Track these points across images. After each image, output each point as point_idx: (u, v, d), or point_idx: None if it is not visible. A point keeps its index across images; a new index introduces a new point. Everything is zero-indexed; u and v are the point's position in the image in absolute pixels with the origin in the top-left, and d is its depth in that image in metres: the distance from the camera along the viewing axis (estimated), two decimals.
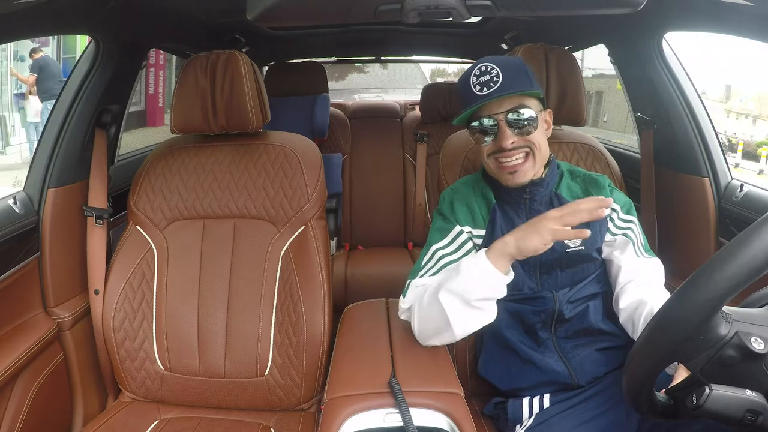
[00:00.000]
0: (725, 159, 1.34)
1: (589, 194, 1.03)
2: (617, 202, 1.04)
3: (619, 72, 1.57)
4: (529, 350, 1.01)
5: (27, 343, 1.09)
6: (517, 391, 1.03)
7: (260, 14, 0.87)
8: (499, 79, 0.95)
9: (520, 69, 0.99)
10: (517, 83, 0.96)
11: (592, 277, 1.02)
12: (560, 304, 0.99)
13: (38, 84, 5.61)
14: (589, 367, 0.99)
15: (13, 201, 1.14)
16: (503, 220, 1.03)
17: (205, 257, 1.18)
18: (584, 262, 1.01)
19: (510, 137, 0.96)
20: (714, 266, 0.55)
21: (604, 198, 0.87)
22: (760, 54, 5.69)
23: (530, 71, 1.00)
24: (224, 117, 1.18)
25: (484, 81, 0.96)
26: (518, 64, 1.00)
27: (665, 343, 0.58)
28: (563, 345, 1.01)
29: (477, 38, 2.28)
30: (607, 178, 1.08)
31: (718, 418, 0.58)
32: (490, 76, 0.96)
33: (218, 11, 1.53)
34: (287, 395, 1.13)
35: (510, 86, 0.95)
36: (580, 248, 1.00)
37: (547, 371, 0.99)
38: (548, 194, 1.03)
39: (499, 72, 0.96)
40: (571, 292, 1.01)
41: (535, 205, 1.02)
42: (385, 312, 1.15)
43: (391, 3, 0.86)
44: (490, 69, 0.97)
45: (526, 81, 0.98)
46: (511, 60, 1.01)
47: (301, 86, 2.35)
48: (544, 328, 1.01)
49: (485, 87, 0.95)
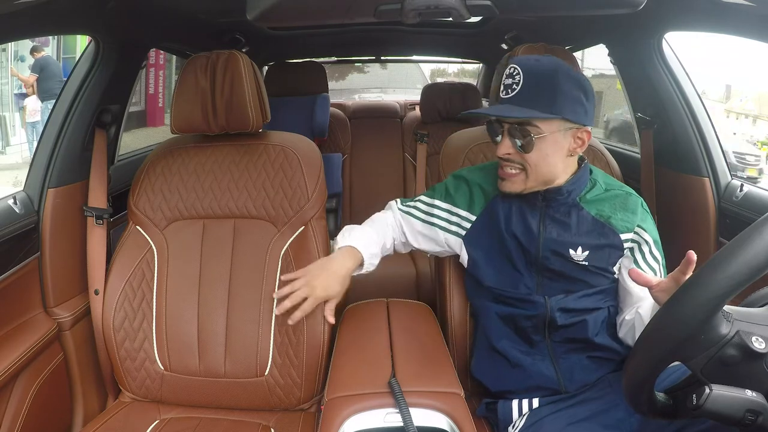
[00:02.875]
0: (725, 159, 1.34)
1: (614, 212, 0.98)
2: (650, 233, 0.99)
3: (619, 72, 1.57)
4: (519, 354, 1.00)
5: (27, 343, 1.09)
6: (505, 393, 1.02)
7: (260, 14, 0.87)
8: (518, 88, 0.90)
9: (546, 83, 0.89)
10: (534, 99, 0.89)
11: (594, 290, 0.99)
12: (552, 310, 0.97)
13: (39, 84, 5.62)
14: (578, 374, 0.98)
15: (13, 201, 1.14)
16: (517, 215, 1.00)
17: (205, 257, 1.18)
18: (589, 276, 0.98)
19: (506, 148, 0.94)
20: (715, 265, 0.55)
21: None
22: (760, 54, 5.69)
23: (563, 87, 0.89)
24: (224, 117, 1.18)
25: (507, 84, 0.92)
26: (548, 75, 0.90)
27: (666, 342, 0.58)
28: (557, 348, 0.99)
29: (477, 38, 2.28)
30: (642, 203, 1.01)
31: (718, 418, 0.58)
32: (512, 81, 0.91)
33: (218, 11, 1.53)
34: (287, 395, 1.13)
35: (524, 100, 0.90)
36: (583, 263, 0.97)
37: (535, 376, 0.98)
38: (568, 204, 0.98)
39: (521, 80, 0.90)
40: (566, 300, 0.98)
41: (551, 212, 0.99)
42: (385, 312, 1.15)
43: (391, 3, 0.86)
44: (515, 73, 0.91)
45: (544, 100, 0.89)
46: (543, 69, 0.91)
47: (301, 86, 2.35)
48: (537, 332, 1.00)
49: (506, 91, 0.92)
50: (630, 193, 1.02)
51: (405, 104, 3.02)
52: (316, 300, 0.99)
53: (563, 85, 0.89)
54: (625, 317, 0.98)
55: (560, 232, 0.98)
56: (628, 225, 0.98)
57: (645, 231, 0.99)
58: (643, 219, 1.00)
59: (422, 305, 1.23)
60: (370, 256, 1.06)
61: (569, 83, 0.90)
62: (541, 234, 0.99)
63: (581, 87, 0.92)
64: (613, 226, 0.98)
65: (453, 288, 1.16)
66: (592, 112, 0.95)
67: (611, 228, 0.98)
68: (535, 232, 0.99)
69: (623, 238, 0.98)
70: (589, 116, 0.94)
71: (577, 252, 0.97)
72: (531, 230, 0.99)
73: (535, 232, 0.99)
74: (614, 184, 1.04)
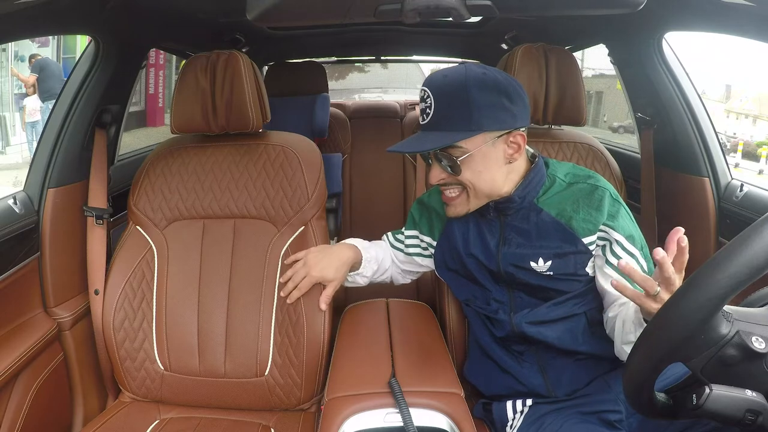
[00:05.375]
0: (725, 159, 1.34)
1: (577, 210, 0.91)
2: (619, 230, 0.89)
3: (618, 72, 1.57)
4: (508, 359, 0.99)
5: (27, 343, 1.09)
6: (498, 397, 1.02)
7: (260, 14, 0.87)
8: (431, 112, 0.86)
9: (457, 100, 0.84)
10: (449, 120, 0.85)
11: (567, 297, 0.94)
12: (518, 326, 0.95)
13: (39, 84, 5.62)
14: (567, 380, 0.96)
15: (13, 201, 1.14)
16: (474, 234, 0.99)
17: (205, 257, 1.18)
18: (559, 283, 0.93)
19: (438, 174, 0.91)
20: (715, 265, 0.55)
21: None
22: (760, 54, 5.69)
23: (476, 99, 0.83)
24: (224, 117, 1.18)
25: (422, 109, 0.88)
26: (457, 91, 0.84)
27: (666, 342, 0.58)
28: (542, 355, 0.97)
29: (477, 38, 2.28)
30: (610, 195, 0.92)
31: (718, 418, 0.58)
32: (425, 106, 0.87)
33: (218, 11, 1.52)
34: (287, 395, 1.13)
35: (438, 124, 0.85)
36: (548, 273, 0.92)
37: (524, 382, 0.97)
38: (526, 208, 0.93)
39: (432, 103, 0.85)
40: (533, 312, 0.95)
41: (510, 221, 0.94)
42: (385, 312, 1.15)
43: (391, 3, 0.86)
44: (425, 97, 0.87)
45: (458, 119, 0.84)
46: (451, 85, 0.85)
47: (301, 86, 2.35)
48: (519, 344, 0.99)
49: (422, 117, 0.88)
50: (596, 185, 0.92)
51: (405, 104, 3.02)
52: (311, 279, 1.07)
53: (476, 97, 0.84)
54: (608, 314, 0.92)
55: (520, 242, 0.94)
56: (591, 226, 0.90)
57: (613, 229, 0.90)
58: (612, 215, 0.90)
59: (422, 305, 1.23)
60: (368, 259, 1.10)
61: (483, 93, 0.84)
62: (499, 250, 0.96)
63: (500, 91, 0.85)
64: (574, 229, 0.91)
65: (451, 289, 1.16)
66: (522, 111, 0.89)
67: (572, 232, 0.91)
68: (493, 249, 0.96)
69: (587, 242, 0.91)
70: (520, 117, 0.88)
71: (539, 263, 0.92)
72: (489, 247, 0.97)
73: (492, 249, 0.96)
74: (580, 174, 0.95)
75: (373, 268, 1.12)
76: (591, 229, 0.91)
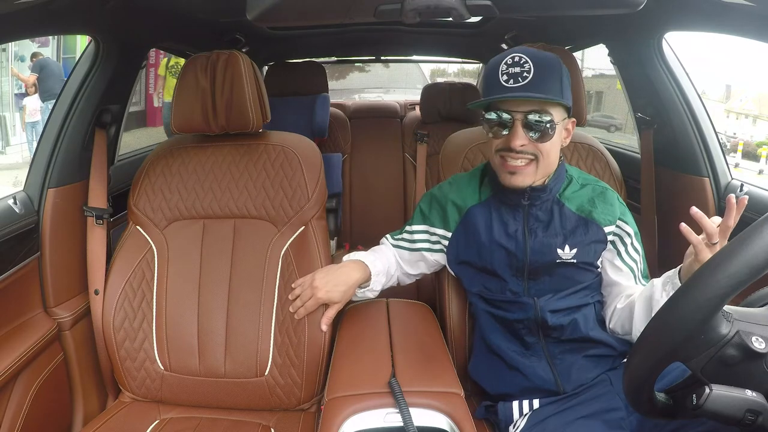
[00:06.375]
0: (725, 159, 1.34)
1: (594, 206, 0.99)
2: (631, 226, 1.01)
3: (618, 72, 1.57)
4: (516, 356, 1.00)
5: (27, 343, 1.09)
6: (504, 396, 1.02)
7: (260, 14, 0.87)
8: (530, 76, 0.88)
9: (554, 70, 0.91)
10: (546, 86, 0.89)
11: (581, 286, 1.00)
12: (542, 311, 0.98)
13: (40, 83, 5.61)
14: (575, 374, 0.97)
15: (13, 201, 1.14)
16: (498, 223, 1.00)
17: (205, 257, 1.18)
18: (577, 273, 0.99)
19: (521, 139, 0.92)
20: (715, 265, 0.55)
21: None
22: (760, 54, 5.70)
23: (566, 75, 0.93)
24: (224, 117, 1.18)
25: (513, 73, 0.89)
26: (555, 64, 0.92)
27: (666, 342, 0.58)
28: (552, 349, 0.99)
29: (477, 38, 2.28)
30: (618, 198, 1.03)
31: (718, 418, 0.58)
32: (521, 69, 0.89)
33: (218, 11, 1.53)
34: (287, 395, 1.13)
35: (538, 87, 0.88)
36: (572, 260, 0.98)
37: (532, 378, 0.98)
38: (550, 201, 0.99)
39: (531, 68, 0.88)
40: (554, 299, 0.98)
41: (534, 211, 0.99)
42: (385, 312, 1.15)
43: (391, 3, 0.86)
44: (522, 62, 0.89)
45: (556, 86, 0.90)
46: (548, 58, 0.92)
47: (301, 86, 2.35)
48: (531, 334, 1.00)
49: (512, 79, 0.89)
50: (606, 187, 1.03)
51: (405, 104, 3.03)
52: (317, 300, 1.06)
53: (564, 73, 0.92)
54: (616, 306, 0.99)
55: (545, 232, 0.99)
56: (610, 218, 0.99)
57: (626, 223, 1.01)
58: (623, 212, 1.02)
59: (422, 305, 1.23)
60: (376, 273, 1.10)
61: (566, 74, 0.93)
62: (527, 238, 0.99)
63: (568, 79, 0.95)
64: (596, 220, 0.99)
65: (451, 289, 1.16)
66: None
67: (594, 222, 0.99)
68: (521, 236, 0.99)
69: (606, 231, 0.99)
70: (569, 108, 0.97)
71: (565, 250, 0.98)
72: (514, 236, 0.99)
73: (520, 237, 0.99)
74: (589, 179, 1.05)
75: (381, 281, 1.12)
76: (611, 220, 0.99)
